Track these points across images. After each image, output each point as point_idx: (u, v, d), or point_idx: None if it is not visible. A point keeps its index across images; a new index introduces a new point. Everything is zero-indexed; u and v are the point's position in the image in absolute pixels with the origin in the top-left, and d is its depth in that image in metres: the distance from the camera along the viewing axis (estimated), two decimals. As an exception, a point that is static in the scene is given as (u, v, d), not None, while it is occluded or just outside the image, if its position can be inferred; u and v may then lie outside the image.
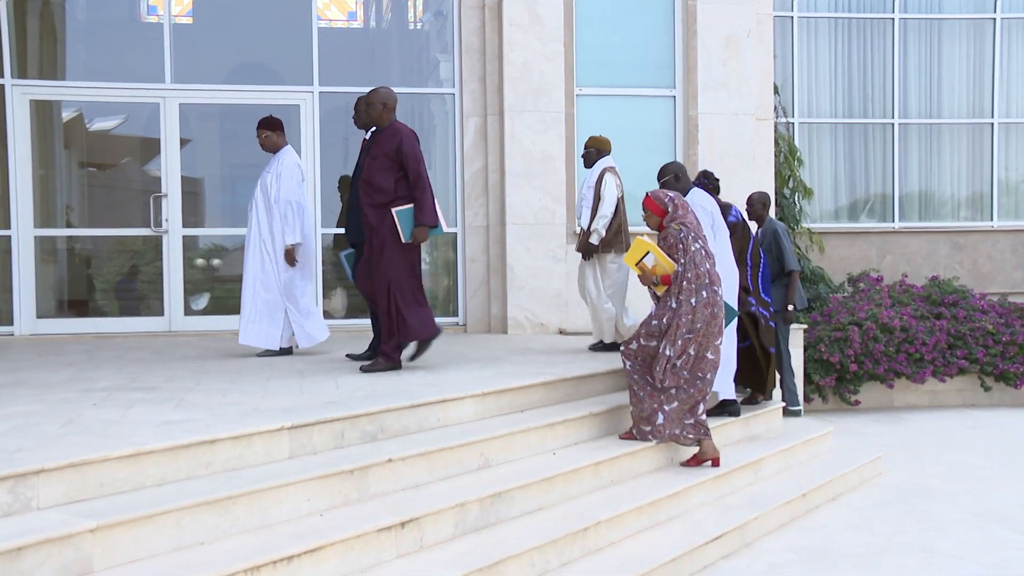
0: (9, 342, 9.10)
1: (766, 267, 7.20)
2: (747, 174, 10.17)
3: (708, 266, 5.75)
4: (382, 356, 6.52)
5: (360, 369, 6.55)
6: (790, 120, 12.59)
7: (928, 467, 7.53)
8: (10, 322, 9.61)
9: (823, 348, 10.10)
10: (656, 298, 5.86)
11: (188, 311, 10.04)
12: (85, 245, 11.98)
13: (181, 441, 4.12)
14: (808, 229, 12.01)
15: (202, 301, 10.96)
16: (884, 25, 13.01)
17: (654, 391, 5.74)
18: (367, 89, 10.06)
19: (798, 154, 12.03)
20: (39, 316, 9.74)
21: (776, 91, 11.46)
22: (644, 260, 5.83)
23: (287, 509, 4.11)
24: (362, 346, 7.70)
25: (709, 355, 5.75)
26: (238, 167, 13.00)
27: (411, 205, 6.31)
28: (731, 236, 6.68)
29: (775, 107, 11.27)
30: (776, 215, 11.27)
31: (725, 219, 6.77)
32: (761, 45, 10.42)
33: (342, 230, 8.07)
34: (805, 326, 9.83)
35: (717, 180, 7.35)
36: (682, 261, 5.70)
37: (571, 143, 9.92)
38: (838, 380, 10.31)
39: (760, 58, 10.40)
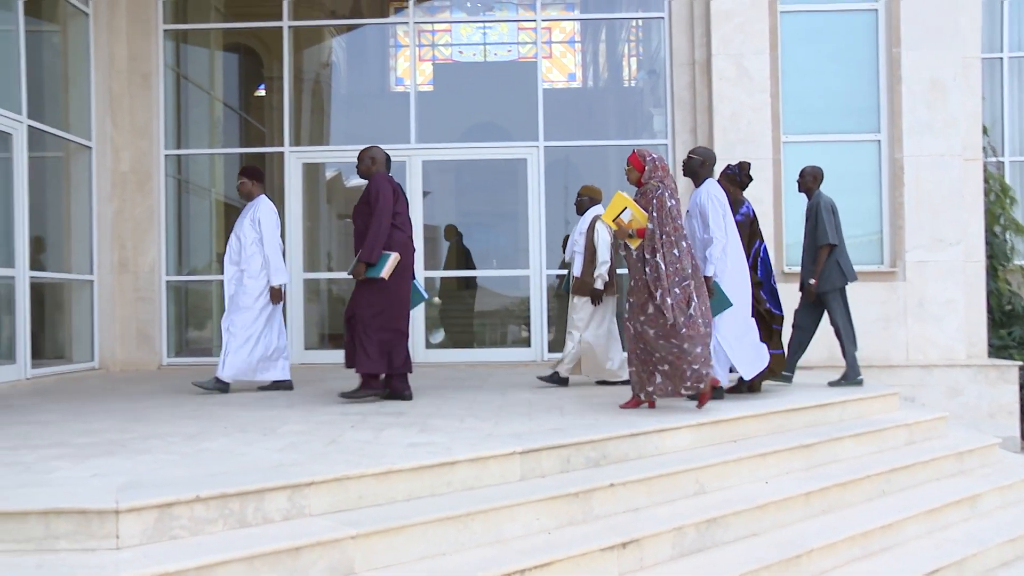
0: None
1: (765, 259, 6.90)
2: (955, 213, 9.52)
3: (681, 222, 5.78)
4: (363, 385, 6.54)
5: (340, 395, 6.64)
6: (1000, 159, 11.69)
7: None
8: (284, 353, 10.27)
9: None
10: (628, 252, 5.86)
11: (427, 345, 10.40)
12: (341, 286, 12.70)
13: (426, 462, 4.24)
14: (1021, 267, 11.07)
15: (438, 336, 11.36)
16: (1100, 61, 11.89)
17: (650, 358, 5.78)
18: (587, 143, 10.23)
19: (1010, 192, 11.15)
20: (306, 347, 10.37)
21: (985, 131, 10.69)
22: (621, 216, 5.78)
23: (519, 526, 4.14)
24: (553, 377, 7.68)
25: (706, 303, 5.75)
26: (471, 215, 13.44)
27: (393, 253, 6.40)
28: (739, 232, 6.50)
29: (984, 147, 10.51)
30: (986, 253, 10.46)
31: (735, 214, 6.59)
32: (968, 87, 9.76)
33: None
34: (1021, 363, 9.03)
35: (749, 176, 7.05)
36: (657, 216, 5.70)
37: (778, 188, 9.62)
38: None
39: (967, 100, 9.75)
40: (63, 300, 9.80)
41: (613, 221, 5.85)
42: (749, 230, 6.94)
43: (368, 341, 6.39)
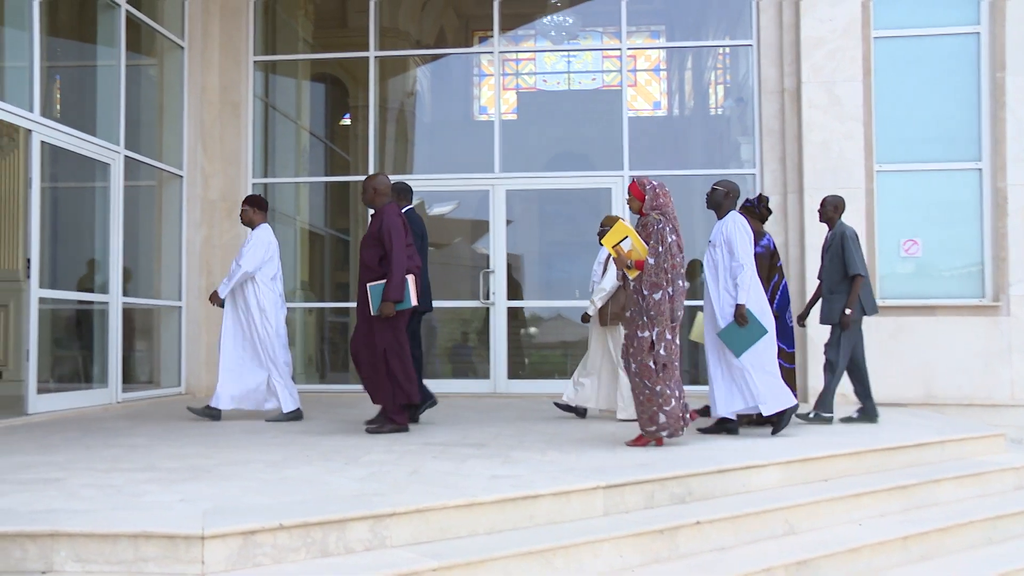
0: (356, 399, 9.84)
1: (784, 293, 7.05)
2: (1063, 242, 9.16)
3: (680, 259, 5.79)
4: (388, 420, 6.54)
5: (366, 430, 6.59)
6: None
7: None
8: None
9: None
10: (626, 283, 5.89)
11: (511, 374, 10.42)
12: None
13: (508, 495, 4.23)
14: None
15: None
16: None
17: (653, 394, 5.74)
18: (673, 173, 10.18)
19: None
20: (387, 375, 10.46)
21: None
22: (621, 244, 5.80)
23: (601, 563, 4.10)
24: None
25: (676, 342, 5.82)
26: (555, 244, 13.46)
27: (383, 281, 6.39)
28: (755, 263, 6.48)
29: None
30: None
31: (755, 247, 6.60)
32: (1077, 113, 9.41)
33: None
34: None
35: (768, 209, 7.16)
36: (659, 250, 5.72)
37: (871, 218, 9.40)
38: None
39: (1076, 126, 9.39)
40: (152, 326, 10.14)
41: (613, 248, 5.87)
42: (769, 263, 6.92)
43: (404, 371, 6.46)
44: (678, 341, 5.82)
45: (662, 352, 5.72)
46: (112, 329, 8.75)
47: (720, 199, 6.55)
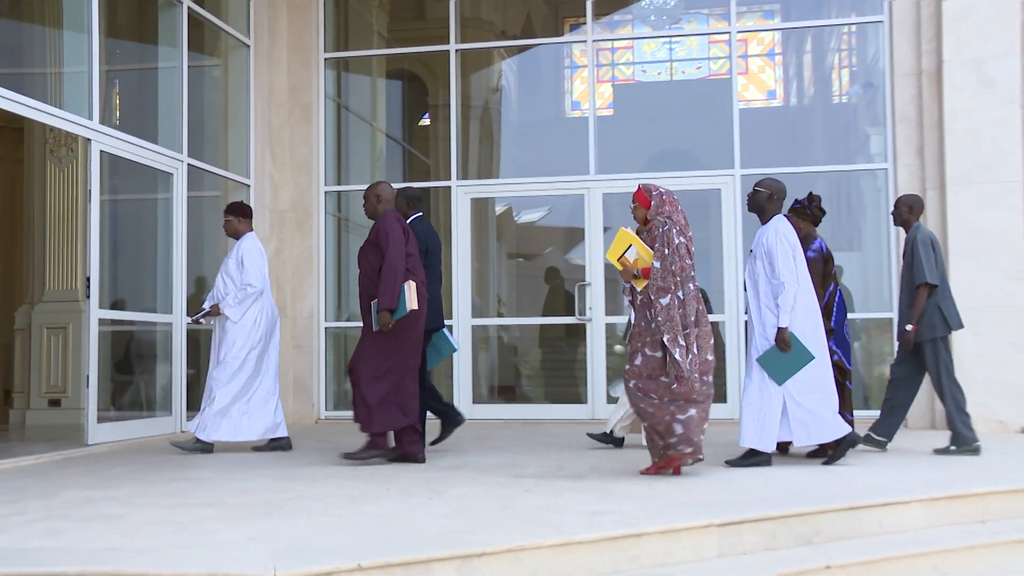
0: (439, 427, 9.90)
1: (840, 304, 7.00)
2: None
3: (691, 261, 5.87)
4: (371, 445, 6.59)
5: (343, 456, 6.63)
6: None
7: None
8: (449, 407, 10.48)
9: None
10: (633, 296, 5.97)
11: (609, 398, 10.35)
12: (513, 333, 12.85)
13: (609, 533, 4.19)
14: None
15: (621, 388, 11.26)
16: None
17: (662, 404, 5.79)
18: (791, 170, 10.01)
19: None
20: (474, 402, 10.54)
21: None
22: (626, 255, 5.91)
23: (718, 612, 4.02)
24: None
25: (708, 356, 5.82)
26: (657, 254, 13.33)
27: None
28: (808, 268, 6.44)
29: None
30: None
31: (805, 254, 6.57)
32: None
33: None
34: None
35: (821, 209, 7.08)
36: (666, 252, 5.81)
37: (1031, 216, 9.04)
38: None
39: None
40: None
41: (618, 260, 5.96)
42: (823, 269, 6.85)
43: (373, 394, 6.49)
44: (696, 351, 5.78)
45: (677, 357, 5.70)
46: (176, 352, 9.01)
47: (763, 202, 6.49)
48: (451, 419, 7.41)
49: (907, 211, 7.32)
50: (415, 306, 6.48)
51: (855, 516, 4.89)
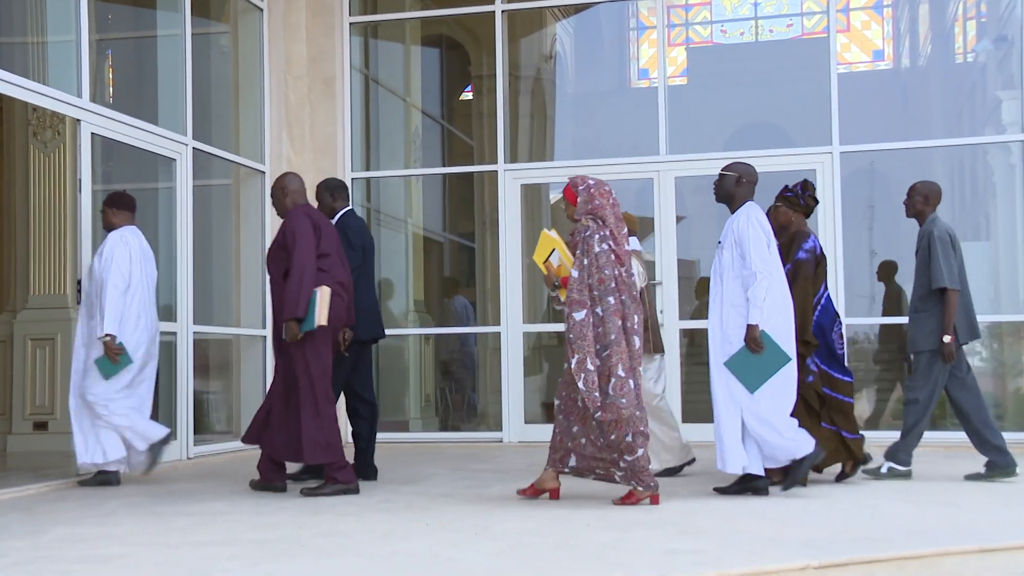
0: (500, 449, 9.92)
1: (827, 303, 6.99)
2: None
3: (616, 271, 5.99)
4: (329, 478, 6.68)
5: (301, 492, 6.68)
6: None
7: None
8: (499, 427, 10.50)
9: None
10: (554, 304, 6.22)
11: (686, 416, 10.26)
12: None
13: None
14: None
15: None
16: None
17: (569, 429, 6.10)
18: (901, 145, 9.87)
19: None
20: (526, 421, 10.53)
21: None
22: (551, 258, 6.13)
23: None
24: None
25: (627, 378, 5.91)
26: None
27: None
28: (797, 270, 6.66)
29: None
30: None
31: (795, 253, 6.74)
32: None
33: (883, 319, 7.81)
34: None
35: (815, 198, 7.08)
36: (584, 262, 5.98)
37: None
38: None
39: None
40: (229, 361, 10.48)
41: (543, 264, 6.18)
42: (814, 274, 6.85)
43: (318, 418, 6.59)
44: (623, 376, 5.90)
45: (581, 386, 5.85)
46: (181, 366, 9.10)
47: (731, 187, 6.53)
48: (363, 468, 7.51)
49: (922, 201, 7.32)
50: (323, 321, 6.57)
51: (985, 559, 4.77)
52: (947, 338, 7.02)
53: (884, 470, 7.17)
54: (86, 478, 7.54)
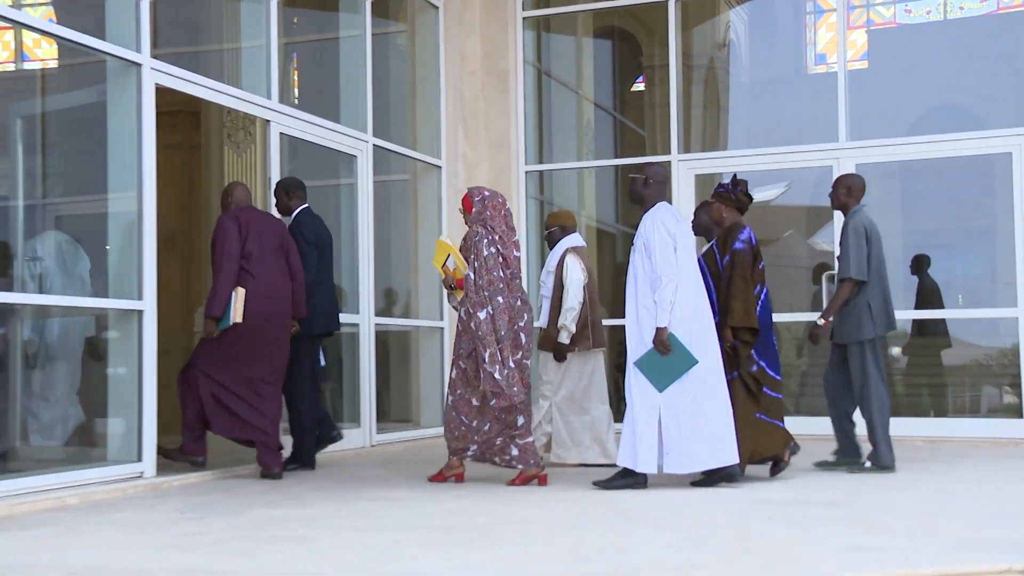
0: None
1: (765, 307, 6.95)
2: None
3: (503, 273, 6.58)
4: (183, 448, 7.10)
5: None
6: None
7: None
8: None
9: None
10: (451, 302, 6.82)
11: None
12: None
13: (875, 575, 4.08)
14: None
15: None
16: None
17: (472, 429, 6.65)
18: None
19: None
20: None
21: None
22: (447, 263, 6.71)
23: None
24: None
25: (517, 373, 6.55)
26: (925, 235, 12.87)
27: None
28: (735, 261, 6.74)
29: None
30: None
31: (731, 244, 6.79)
32: None
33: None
34: None
35: (747, 194, 7.09)
36: (476, 265, 6.54)
37: None
38: None
39: None
40: (409, 352, 10.73)
41: (442, 267, 6.76)
42: (752, 262, 6.82)
43: (190, 400, 7.04)
44: (513, 366, 6.51)
45: (497, 376, 6.39)
46: (364, 357, 9.37)
47: (639, 189, 6.60)
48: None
49: (845, 193, 7.46)
50: (239, 319, 6.87)
51: None
52: (822, 321, 7.32)
53: (867, 465, 7.28)
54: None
